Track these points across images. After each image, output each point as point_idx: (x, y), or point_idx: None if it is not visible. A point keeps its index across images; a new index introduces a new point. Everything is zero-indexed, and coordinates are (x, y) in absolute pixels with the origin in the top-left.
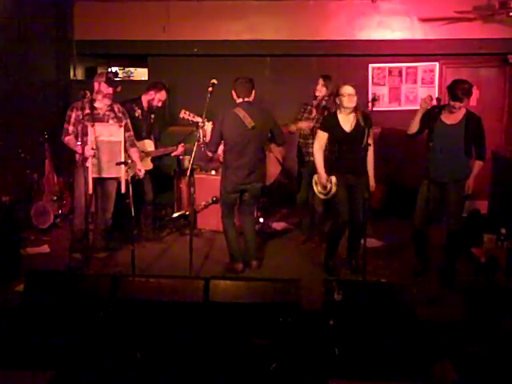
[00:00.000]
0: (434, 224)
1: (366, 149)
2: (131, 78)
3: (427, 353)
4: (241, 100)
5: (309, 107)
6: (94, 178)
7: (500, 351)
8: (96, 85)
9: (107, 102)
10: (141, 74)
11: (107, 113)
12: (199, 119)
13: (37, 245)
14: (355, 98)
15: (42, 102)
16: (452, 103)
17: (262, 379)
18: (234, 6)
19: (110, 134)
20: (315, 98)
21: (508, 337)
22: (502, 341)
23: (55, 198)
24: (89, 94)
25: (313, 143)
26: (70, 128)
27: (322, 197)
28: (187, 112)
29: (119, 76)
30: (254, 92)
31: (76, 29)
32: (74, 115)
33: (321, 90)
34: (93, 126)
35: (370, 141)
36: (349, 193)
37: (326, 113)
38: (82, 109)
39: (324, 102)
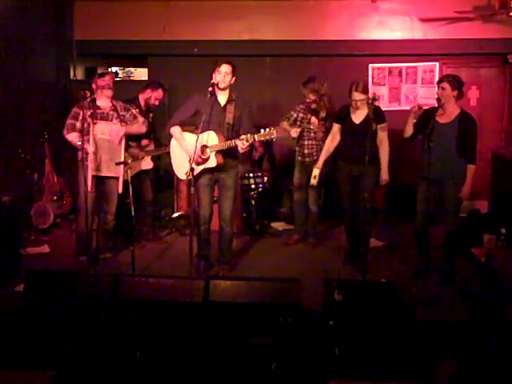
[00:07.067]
0: (434, 224)
1: (373, 141)
2: (131, 78)
3: (427, 353)
4: None
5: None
6: (94, 177)
7: (502, 347)
8: (93, 85)
9: (109, 93)
10: (141, 73)
11: (111, 112)
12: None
13: (37, 245)
14: (364, 102)
15: (42, 101)
16: (437, 90)
17: (262, 379)
18: (234, 6)
19: (110, 133)
20: (303, 102)
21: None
22: (506, 331)
23: (55, 197)
24: (89, 94)
25: (308, 144)
26: (78, 124)
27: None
28: None
29: (119, 76)
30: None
31: (76, 29)
32: (81, 113)
33: (309, 97)
34: (95, 123)
35: (383, 135)
36: (354, 183)
37: (313, 116)
38: (89, 108)
39: (314, 106)
